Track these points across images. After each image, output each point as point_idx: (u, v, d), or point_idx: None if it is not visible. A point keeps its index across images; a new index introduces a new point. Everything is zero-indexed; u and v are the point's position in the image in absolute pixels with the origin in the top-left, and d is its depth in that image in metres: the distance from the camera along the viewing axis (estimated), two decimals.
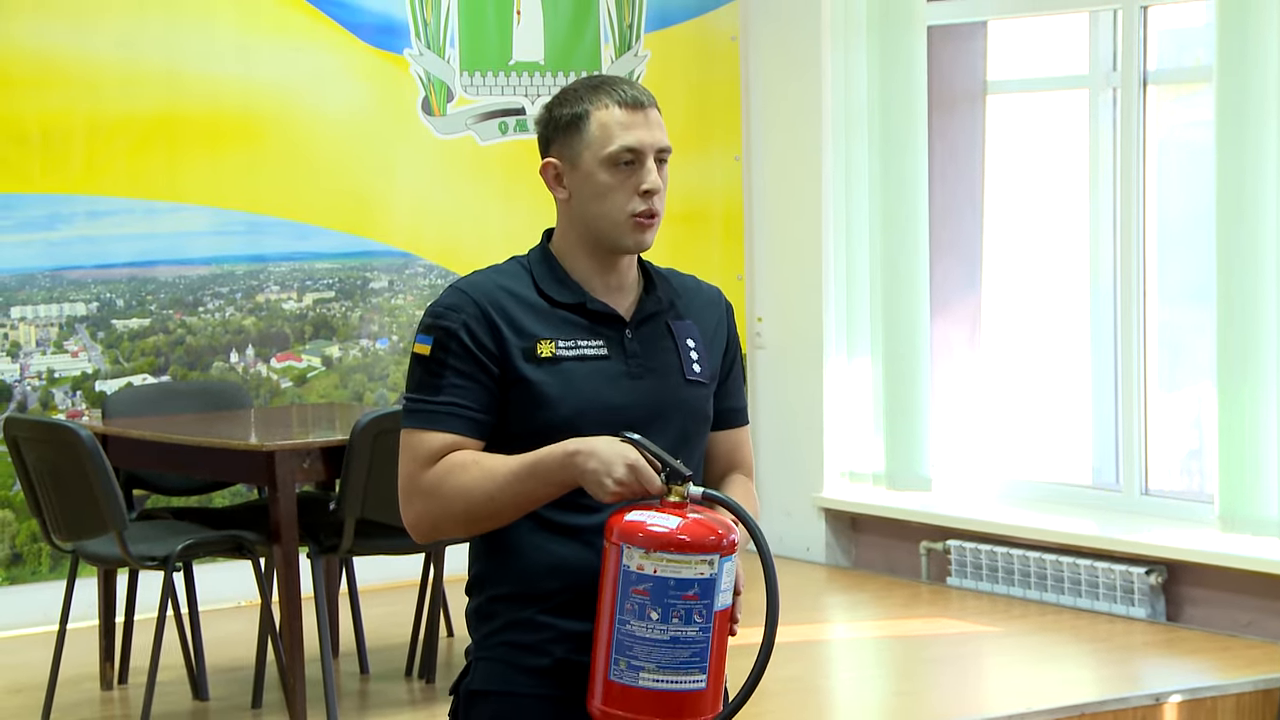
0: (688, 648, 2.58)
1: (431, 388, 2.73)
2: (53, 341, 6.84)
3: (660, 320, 2.82)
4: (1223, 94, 6.19)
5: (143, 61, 6.89)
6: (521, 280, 2.79)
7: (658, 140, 2.77)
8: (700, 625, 2.57)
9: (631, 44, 7.73)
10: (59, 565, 6.62)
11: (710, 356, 2.85)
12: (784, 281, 7.76)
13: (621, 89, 2.77)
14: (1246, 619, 6.25)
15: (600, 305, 2.79)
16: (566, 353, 2.75)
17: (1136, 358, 6.77)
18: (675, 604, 2.57)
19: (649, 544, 2.57)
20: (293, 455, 5.36)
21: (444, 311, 2.75)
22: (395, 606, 6.49)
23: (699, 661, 2.59)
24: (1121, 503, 6.83)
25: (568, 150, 2.77)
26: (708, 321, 2.87)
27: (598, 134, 2.75)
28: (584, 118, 2.76)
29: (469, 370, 2.72)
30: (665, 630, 2.57)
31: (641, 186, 2.75)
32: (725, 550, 2.59)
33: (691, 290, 2.89)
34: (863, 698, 5.96)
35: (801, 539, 7.59)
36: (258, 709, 5.63)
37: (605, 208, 2.76)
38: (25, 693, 5.86)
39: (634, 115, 2.75)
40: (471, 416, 2.72)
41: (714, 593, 2.58)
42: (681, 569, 2.57)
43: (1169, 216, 6.87)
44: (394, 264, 7.37)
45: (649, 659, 2.58)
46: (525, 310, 2.76)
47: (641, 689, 2.58)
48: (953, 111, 7.40)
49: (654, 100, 2.80)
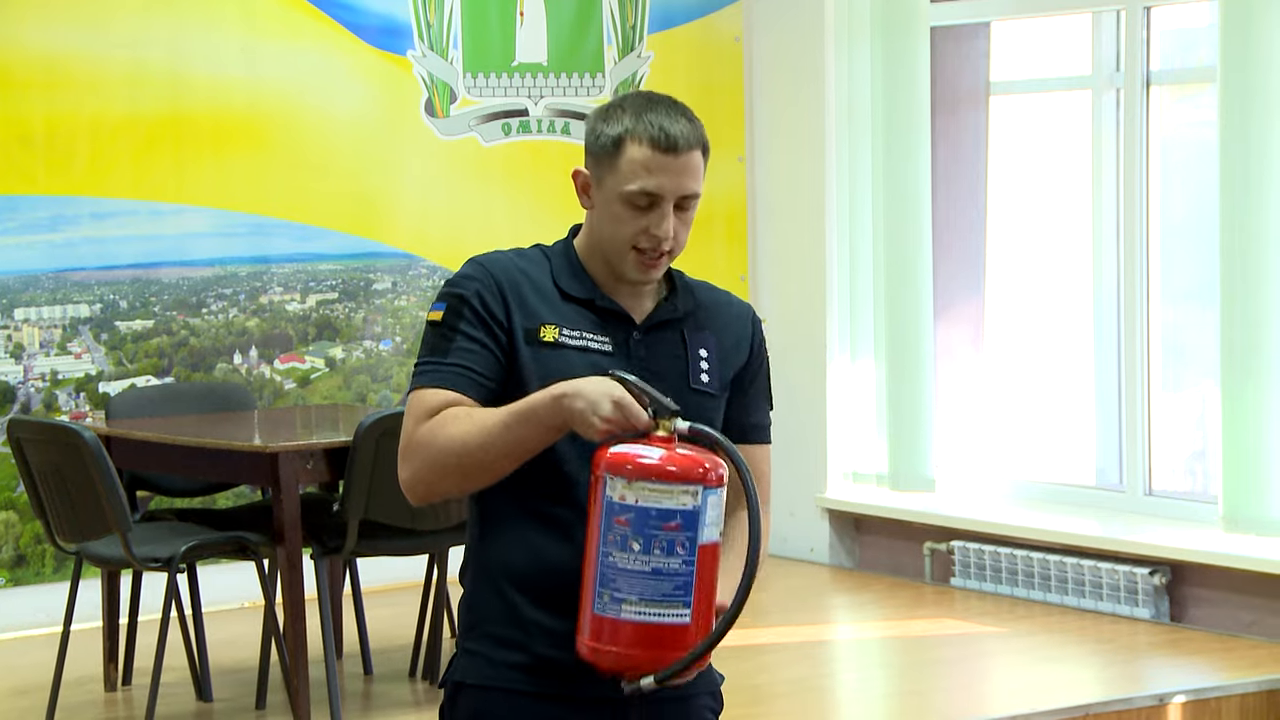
0: (670, 580, 2.56)
1: (441, 350, 2.74)
2: (56, 343, 6.85)
3: (675, 328, 2.82)
4: (1226, 94, 6.19)
5: (147, 63, 6.89)
6: (540, 266, 2.80)
7: (682, 188, 2.74)
8: (683, 558, 2.55)
9: (635, 45, 7.73)
10: (63, 567, 6.62)
11: (724, 369, 2.84)
12: (787, 282, 7.77)
13: (663, 126, 2.72)
14: (1250, 619, 6.25)
15: (610, 303, 2.79)
16: (570, 341, 2.75)
17: (1140, 358, 6.77)
18: (657, 534, 2.55)
19: (631, 474, 2.56)
20: (296, 456, 5.36)
21: (460, 280, 2.77)
22: (399, 608, 6.49)
23: (682, 595, 2.56)
24: (1125, 503, 6.83)
25: (597, 169, 2.77)
26: (730, 336, 2.87)
27: (624, 167, 2.73)
28: (618, 145, 2.73)
29: (479, 336, 2.73)
30: (647, 561, 2.56)
31: (651, 230, 2.73)
32: (710, 482, 2.56)
33: (721, 304, 2.89)
34: (866, 698, 5.96)
35: (805, 540, 7.59)
36: (261, 710, 5.63)
37: (614, 236, 2.75)
38: (29, 694, 5.86)
39: (664, 158, 2.72)
40: (476, 379, 2.72)
41: (698, 525, 2.55)
42: (663, 499, 2.55)
43: (1172, 217, 6.87)
44: (397, 265, 7.38)
45: (631, 590, 2.56)
46: (538, 294, 2.77)
47: (624, 620, 2.57)
48: (956, 112, 7.40)
49: (699, 139, 2.75)
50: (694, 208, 2.78)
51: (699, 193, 2.77)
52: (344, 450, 5.37)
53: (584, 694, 2.73)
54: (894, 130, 7.23)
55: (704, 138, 2.78)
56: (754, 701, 5.55)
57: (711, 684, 2.85)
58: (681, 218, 2.77)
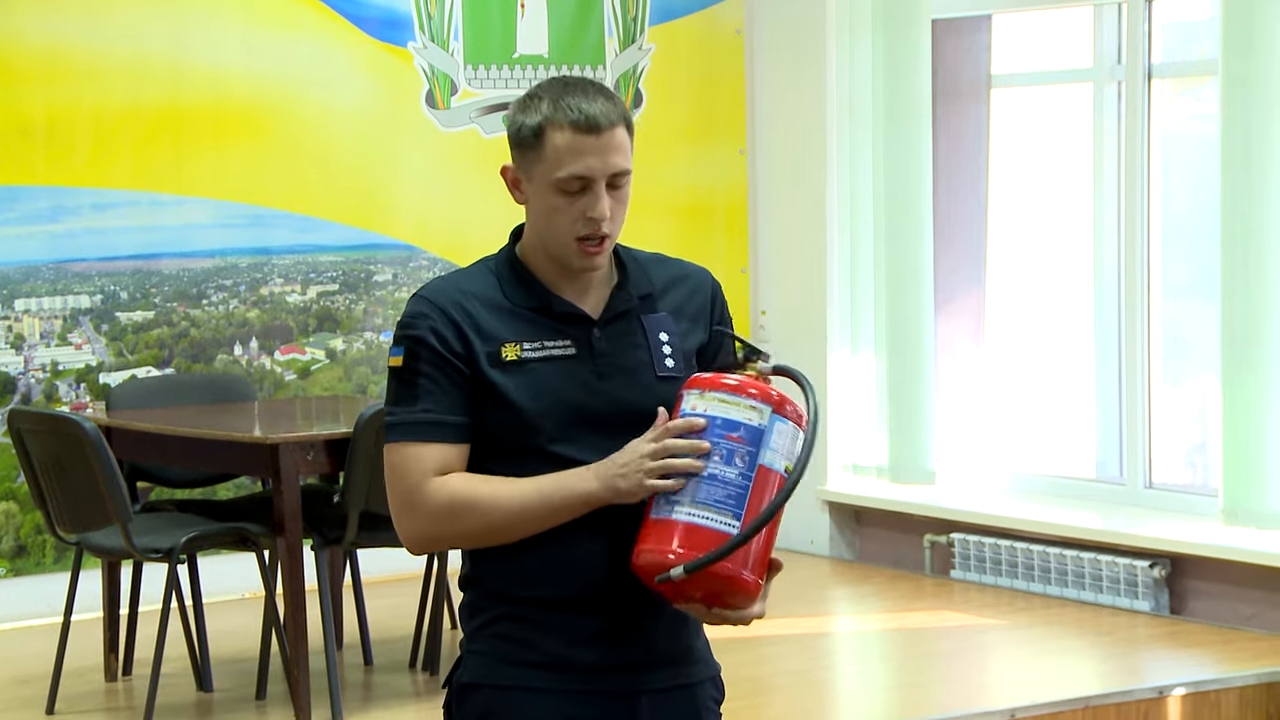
0: (723, 487, 2.61)
1: (409, 398, 2.72)
2: (57, 334, 6.85)
3: (632, 317, 2.79)
4: (1227, 87, 6.18)
5: (148, 55, 6.89)
6: (487, 283, 2.78)
7: (611, 165, 2.70)
8: (740, 470, 2.61)
9: (635, 37, 7.73)
10: (63, 557, 6.62)
11: (687, 348, 2.81)
12: (788, 275, 7.77)
13: (581, 108, 2.69)
14: (1250, 612, 6.25)
15: (566, 306, 2.76)
16: (532, 354, 2.73)
17: (1140, 351, 6.77)
18: (719, 442, 2.62)
19: (706, 385, 2.66)
20: (297, 447, 5.36)
21: (410, 321, 2.75)
22: (399, 599, 6.49)
23: (734, 506, 2.61)
24: (1125, 496, 6.83)
25: (523, 161, 2.76)
26: (688, 309, 2.83)
27: (550, 155, 2.71)
28: (539, 135, 2.71)
29: (440, 376, 2.71)
30: (706, 465, 2.62)
31: (588, 213, 2.71)
32: (779, 407, 2.65)
33: (674, 277, 2.85)
34: (866, 690, 5.96)
35: (805, 532, 7.59)
36: (262, 701, 5.63)
37: (552, 228, 2.74)
38: (30, 684, 5.87)
39: (588, 139, 2.69)
40: (451, 422, 2.71)
41: (760, 443, 2.63)
42: (730, 410, 2.64)
43: (1173, 210, 6.86)
44: (398, 257, 7.38)
45: (686, 492, 2.62)
46: (490, 312, 2.74)
47: (673, 519, 2.62)
48: (957, 105, 7.39)
49: (620, 115, 2.71)
50: (626, 185, 2.74)
51: (629, 169, 2.73)
52: (344, 441, 5.37)
53: (594, 688, 2.73)
54: (895, 123, 7.23)
55: (626, 113, 2.74)
56: (754, 693, 5.55)
57: (712, 670, 2.86)
58: (616, 196, 2.73)
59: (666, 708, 2.77)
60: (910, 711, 5.42)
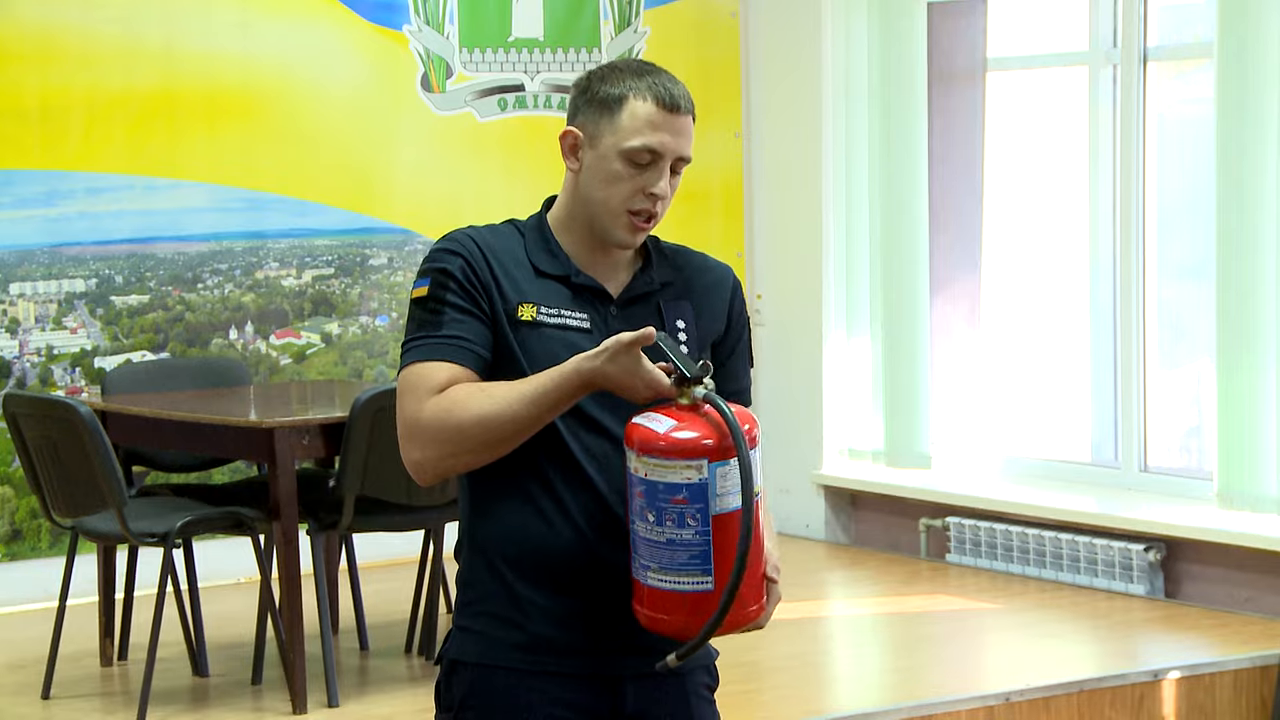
0: (684, 550, 2.56)
1: (432, 324, 2.71)
2: (52, 318, 6.84)
3: (651, 300, 2.80)
4: (1223, 70, 6.18)
5: (142, 38, 6.88)
6: (514, 241, 2.79)
7: (681, 149, 2.75)
8: (695, 529, 2.55)
9: (631, 20, 7.71)
10: (59, 542, 6.62)
11: (702, 338, 2.82)
12: (784, 258, 7.76)
13: (666, 85, 2.74)
14: (1245, 595, 6.26)
15: (586, 280, 2.77)
16: (548, 319, 2.74)
17: (1136, 335, 6.77)
18: (666, 508, 2.56)
19: (638, 447, 2.59)
20: (292, 432, 5.36)
21: (440, 255, 2.75)
22: (395, 583, 6.49)
23: (700, 564, 2.56)
24: (1120, 480, 6.84)
25: (592, 127, 2.75)
26: (709, 302, 2.85)
27: (627, 123, 2.72)
28: (620, 102, 2.73)
29: (468, 306, 2.71)
30: (662, 533, 2.58)
31: (648, 188, 2.73)
32: (714, 454, 2.55)
33: (697, 269, 2.87)
34: (862, 674, 5.97)
35: (801, 516, 7.60)
36: (257, 685, 5.64)
37: (607, 195, 2.74)
38: (25, 669, 5.87)
39: (668, 117, 2.73)
40: (472, 350, 2.70)
41: (706, 497, 2.55)
42: (668, 473, 2.56)
43: (1169, 193, 6.86)
44: (393, 241, 7.37)
45: (652, 559, 2.59)
46: (516, 271, 2.75)
47: (652, 587, 2.60)
48: (952, 88, 7.38)
49: (692, 107, 2.78)
50: (680, 175, 2.77)
51: (690, 158, 2.77)
52: (340, 426, 5.37)
53: (580, 670, 2.73)
54: (891, 106, 7.22)
55: (694, 108, 2.80)
56: (749, 678, 5.56)
57: (706, 658, 2.86)
58: (672, 183, 2.76)
59: (654, 694, 2.78)
60: (905, 695, 5.42)
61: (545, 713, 2.73)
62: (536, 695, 2.73)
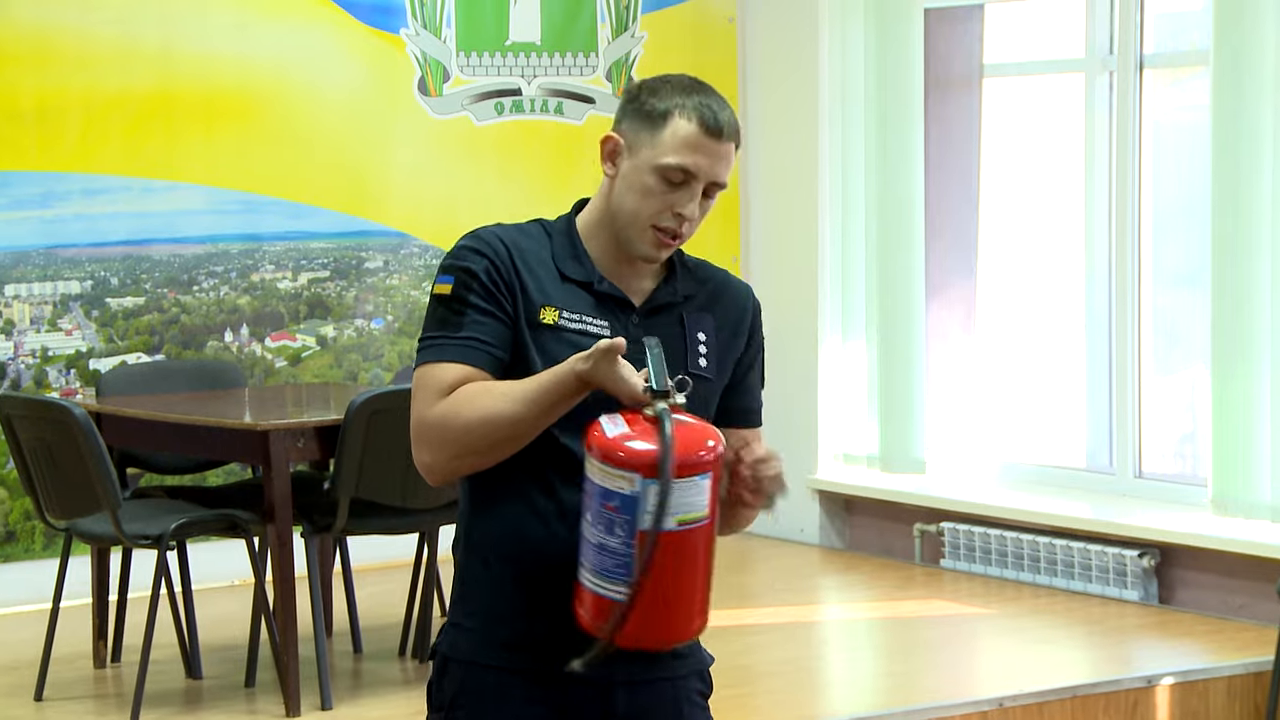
0: (611, 557, 2.57)
1: (453, 325, 2.71)
2: (47, 319, 6.84)
3: (674, 311, 2.81)
4: (1218, 78, 6.18)
5: (139, 39, 6.88)
6: (541, 244, 2.79)
7: (717, 174, 2.74)
8: (622, 539, 2.56)
9: (628, 25, 7.72)
10: (52, 543, 6.61)
11: (722, 353, 2.83)
12: (779, 264, 7.76)
13: (713, 109, 2.74)
14: (1238, 602, 6.26)
15: (609, 288, 2.78)
16: (570, 324, 2.74)
17: (1131, 341, 6.77)
18: (601, 511, 2.58)
19: (588, 448, 2.60)
20: (287, 434, 5.36)
21: (466, 253, 2.75)
22: (389, 586, 6.49)
23: (623, 574, 2.56)
24: (1115, 485, 6.84)
25: (633, 136, 2.75)
26: (730, 319, 2.85)
27: (667, 139, 2.73)
28: (665, 117, 2.73)
29: (490, 308, 2.72)
30: (596, 535, 2.59)
31: (677, 208, 2.73)
32: (650, 470, 2.54)
33: (720, 285, 2.87)
34: (856, 679, 5.97)
35: (795, 520, 7.60)
36: (251, 688, 5.63)
37: (638, 207, 2.74)
38: (18, 670, 5.86)
39: (708, 141, 2.73)
40: (490, 351, 2.71)
41: (635, 510, 2.55)
42: (607, 479, 2.57)
43: (1164, 200, 6.87)
44: (389, 244, 7.37)
45: (586, 559, 2.61)
46: (542, 273, 2.76)
47: (582, 586, 2.62)
48: (949, 94, 7.39)
49: (737, 134, 2.77)
50: (714, 199, 2.78)
51: (726, 185, 2.77)
52: (335, 428, 5.36)
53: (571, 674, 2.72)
54: (887, 112, 7.22)
55: (740, 135, 2.80)
56: (743, 682, 5.56)
57: (699, 664, 2.85)
58: (703, 205, 2.76)
59: (645, 700, 2.78)
60: (899, 700, 5.43)
61: (533, 713, 2.73)
62: (525, 695, 2.73)
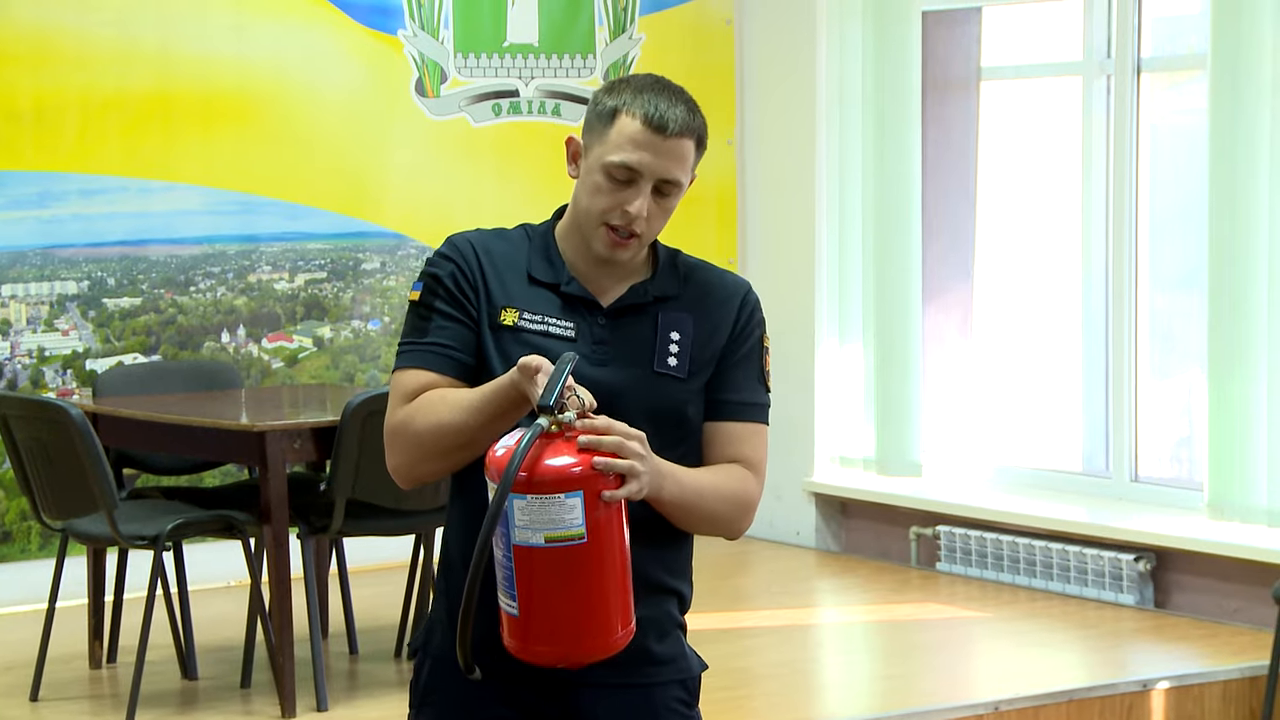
0: (501, 569, 2.59)
1: (420, 330, 2.77)
2: (43, 320, 6.83)
3: (648, 311, 2.79)
4: (1216, 81, 6.19)
5: (137, 40, 6.88)
6: (518, 248, 2.81)
7: (665, 171, 2.71)
8: (503, 551, 2.56)
9: (626, 27, 7.72)
10: (48, 543, 6.61)
11: (700, 352, 2.79)
12: (776, 266, 7.76)
13: (659, 106, 2.71)
14: (1234, 606, 6.26)
15: (576, 289, 2.77)
16: (530, 325, 2.75)
17: (1127, 345, 6.77)
18: None
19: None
20: (283, 435, 5.35)
21: (436, 260, 2.80)
22: (385, 587, 6.49)
23: (509, 588, 2.57)
24: (1111, 489, 6.84)
25: (589, 137, 2.76)
26: (714, 317, 2.81)
27: (613, 137, 2.72)
28: (612, 115, 2.72)
29: (454, 313, 2.75)
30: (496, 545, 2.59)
31: (624, 206, 2.71)
32: (494, 477, 2.54)
33: (709, 285, 2.83)
34: (851, 682, 5.97)
35: (791, 523, 7.60)
36: (246, 689, 5.63)
37: (589, 205, 2.74)
38: (14, 671, 5.86)
39: (653, 137, 2.70)
40: (452, 356, 2.74)
41: (507, 525, 2.54)
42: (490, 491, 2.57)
43: (1161, 204, 6.87)
44: (386, 245, 7.37)
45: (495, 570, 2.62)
46: (509, 276, 2.77)
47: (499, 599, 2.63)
48: (946, 97, 7.39)
49: (693, 129, 2.73)
50: (675, 196, 2.75)
51: (681, 182, 2.73)
52: (331, 430, 5.37)
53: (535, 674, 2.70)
54: (884, 115, 7.23)
55: (700, 130, 2.75)
56: (738, 684, 5.56)
57: (681, 673, 2.82)
58: (659, 204, 2.73)
59: (615, 703, 2.75)
60: (895, 703, 5.43)
61: (500, 714, 2.74)
62: (493, 695, 2.73)
